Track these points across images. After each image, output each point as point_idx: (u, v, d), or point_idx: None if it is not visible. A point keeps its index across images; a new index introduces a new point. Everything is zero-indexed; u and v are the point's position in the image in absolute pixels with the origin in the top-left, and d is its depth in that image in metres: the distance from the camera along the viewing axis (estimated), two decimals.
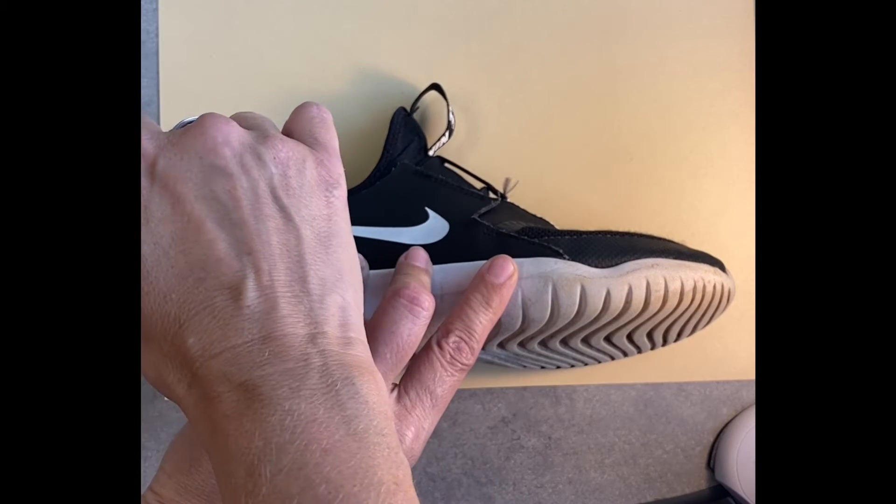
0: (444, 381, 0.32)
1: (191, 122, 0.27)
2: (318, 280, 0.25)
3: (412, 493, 0.22)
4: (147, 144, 0.25)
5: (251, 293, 0.23)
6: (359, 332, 0.25)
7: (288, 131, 0.29)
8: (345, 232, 0.27)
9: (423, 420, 0.31)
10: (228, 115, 0.28)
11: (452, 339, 0.33)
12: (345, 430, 0.21)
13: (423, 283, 0.33)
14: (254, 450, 0.21)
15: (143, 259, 0.24)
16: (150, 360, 0.24)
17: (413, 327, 0.31)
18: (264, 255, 0.24)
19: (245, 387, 0.22)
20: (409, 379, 0.32)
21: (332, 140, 0.29)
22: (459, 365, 0.33)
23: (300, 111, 0.29)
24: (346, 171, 0.28)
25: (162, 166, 0.25)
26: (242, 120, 0.28)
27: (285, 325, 0.23)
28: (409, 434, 0.31)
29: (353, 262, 0.27)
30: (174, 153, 0.25)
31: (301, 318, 0.23)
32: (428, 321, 0.32)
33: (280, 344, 0.23)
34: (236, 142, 0.26)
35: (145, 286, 0.23)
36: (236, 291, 0.23)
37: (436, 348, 0.33)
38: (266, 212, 0.25)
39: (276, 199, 0.25)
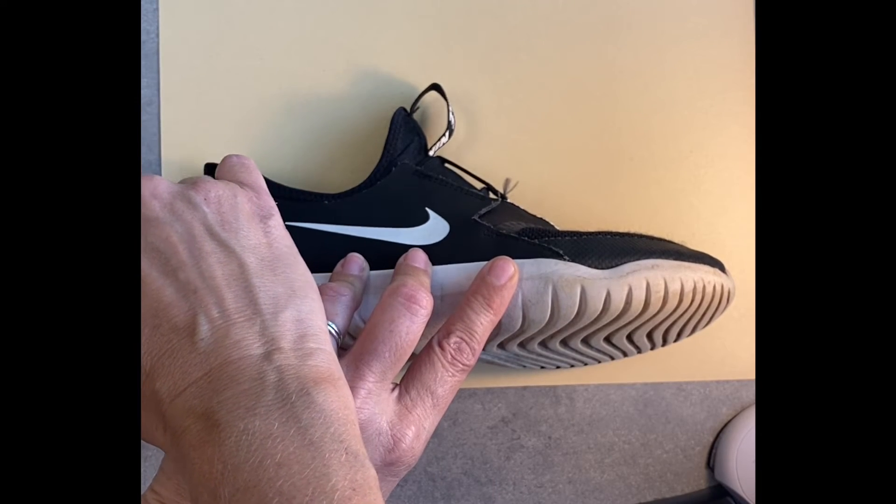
0: (445, 381, 0.32)
1: None
2: (268, 299, 0.26)
3: (373, 496, 0.22)
4: None
5: (203, 327, 0.24)
6: (320, 342, 0.26)
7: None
8: (289, 255, 0.28)
9: (423, 420, 0.32)
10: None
11: (453, 339, 0.33)
12: (300, 441, 0.22)
13: (421, 282, 0.33)
14: (215, 474, 0.22)
15: None
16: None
17: (411, 325, 0.31)
18: (209, 290, 0.25)
19: (206, 415, 0.23)
20: (409, 379, 0.32)
21: (258, 180, 0.30)
22: (460, 365, 0.33)
23: (221, 164, 0.31)
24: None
25: None
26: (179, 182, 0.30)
27: (239, 349, 0.24)
28: (410, 433, 0.31)
29: (304, 277, 0.28)
30: None
31: (255, 339, 0.24)
32: (426, 319, 0.32)
33: (235, 368, 0.23)
34: (164, 192, 0.27)
35: None
36: (189, 330, 0.24)
37: (437, 348, 0.33)
38: (206, 249, 0.26)
39: (213, 235, 0.27)
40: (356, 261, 0.36)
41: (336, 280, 0.34)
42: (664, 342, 0.41)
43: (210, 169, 0.44)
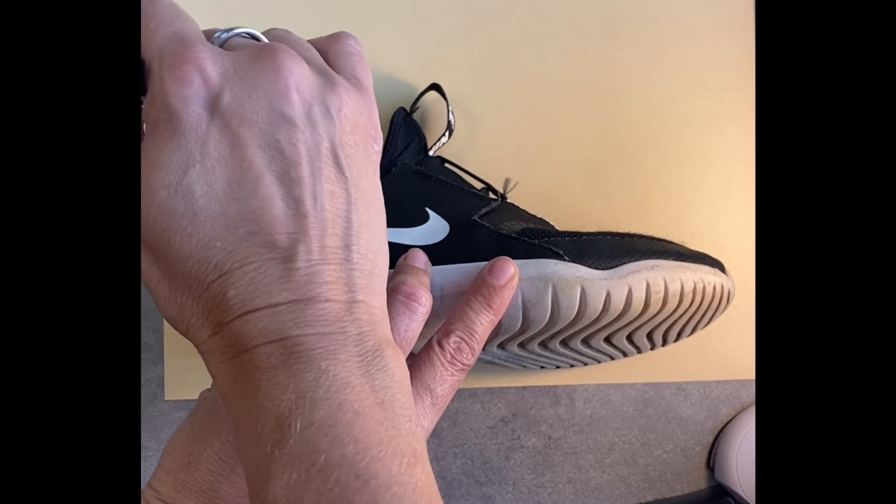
0: (445, 380, 0.32)
1: (244, 35, 0.25)
2: (360, 249, 0.24)
3: (429, 467, 0.22)
4: (210, 70, 0.23)
5: (301, 257, 0.23)
6: (383, 305, 0.25)
7: (330, 63, 0.27)
8: (379, 193, 0.26)
9: (422, 418, 0.32)
10: None
11: (453, 339, 0.33)
12: (374, 399, 0.22)
13: (421, 280, 0.33)
14: (286, 402, 0.21)
15: (193, 199, 0.22)
16: (175, 300, 0.23)
17: (410, 323, 0.31)
18: (317, 221, 0.23)
19: (283, 343, 0.22)
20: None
21: (370, 81, 0.27)
22: (460, 365, 0.33)
23: (340, 44, 0.27)
24: None
25: (227, 101, 0.23)
26: (298, 47, 0.26)
27: (328, 292, 0.23)
28: None
29: (384, 226, 0.26)
30: (242, 89, 0.23)
31: (341, 286, 0.23)
32: (425, 318, 0.32)
33: (321, 309, 0.22)
34: (307, 89, 0.24)
35: (189, 228, 0.22)
36: (288, 255, 0.23)
37: (436, 348, 0.33)
38: (325, 172, 0.24)
39: (335, 157, 0.24)
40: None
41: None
42: (664, 342, 0.42)
43: None
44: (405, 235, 0.38)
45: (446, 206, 0.39)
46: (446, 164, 0.43)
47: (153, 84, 0.23)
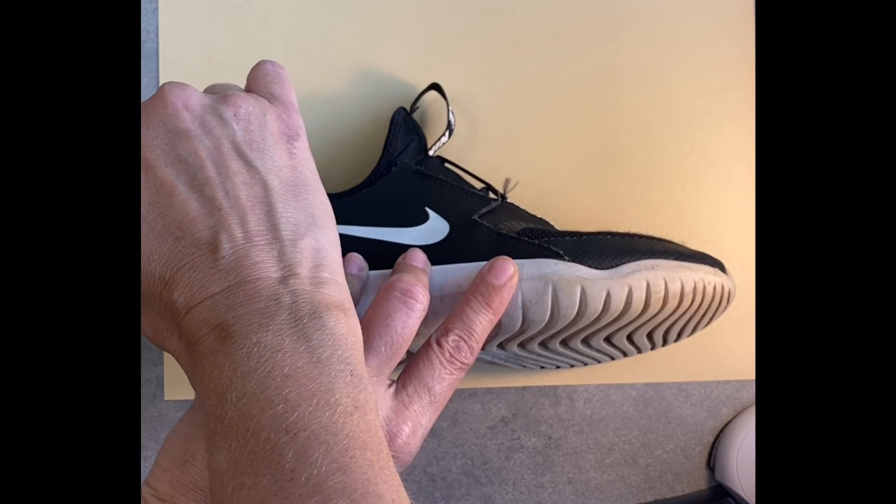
0: (443, 378, 0.32)
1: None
2: (289, 226, 0.26)
3: (372, 417, 0.23)
4: None
5: (225, 245, 0.25)
6: (334, 273, 0.26)
7: (247, 90, 0.30)
8: (312, 180, 0.28)
9: (420, 416, 0.31)
10: None
11: (452, 337, 0.33)
12: (308, 358, 0.23)
13: (418, 278, 0.33)
14: (223, 380, 0.23)
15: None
16: (147, 320, 0.26)
17: (407, 320, 0.31)
18: (234, 209, 0.25)
19: (220, 328, 0.23)
20: (407, 375, 0.32)
21: (289, 95, 0.30)
22: (458, 363, 0.33)
23: (256, 70, 0.30)
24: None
25: None
26: (208, 89, 0.30)
27: (258, 271, 0.24)
28: (406, 429, 0.31)
29: (325, 207, 0.28)
30: (140, 124, 0.26)
31: (273, 263, 0.25)
32: (423, 315, 0.32)
33: (253, 287, 0.24)
34: (196, 105, 0.27)
35: None
36: (212, 246, 0.25)
37: (435, 346, 0.33)
38: (232, 168, 0.26)
39: (240, 154, 0.27)
40: (355, 261, 0.36)
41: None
42: (664, 342, 0.41)
43: None
44: (405, 235, 0.38)
45: (446, 206, 0.39)
46: (446, 164, 0.43)
47: None
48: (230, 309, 0.24)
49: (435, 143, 0.42)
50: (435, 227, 0.38)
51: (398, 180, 0.40)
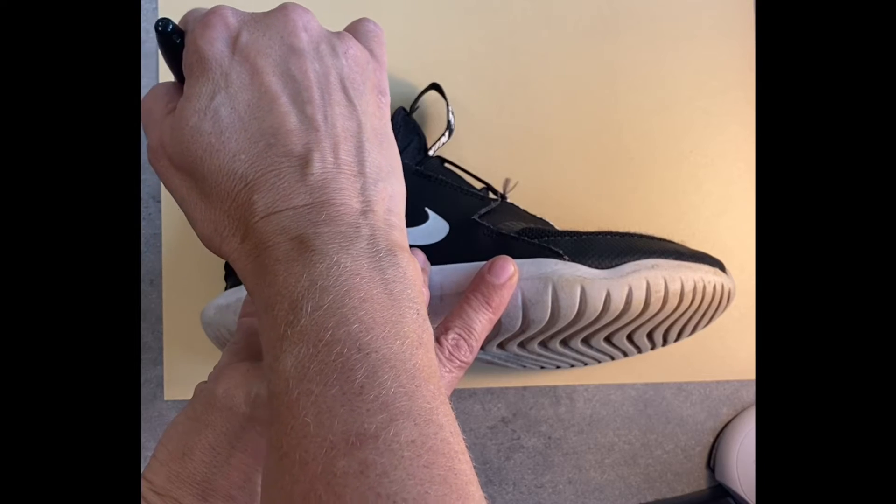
0: (443, 377, 0.32)
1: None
2: (373, 166, 0.27)
3: (433, 356, 0.24)
4: (230, 18, 0.27)
5: (316, 164, 0.25)
6: (401, 221, 0.27)
7: None
8: (391, 136, 0.29)
9: None
10: None
11: (451, 336, 0.33)
12: (382, 289, 0.24)
13: None
14: (300, 288, 0.23)
15: (219, 119, 0.26)
16: (210, 217, 0.27)
17: None
18: (329, 135, 0.26)
19: (300, 239, 0.24)
20: None
21: (384, 55, 0.31)
22: (458, 362, 0.33)
23: (359, 25, 0.31)
24: None
25: (245, 39, 0.26)
26: None
27: (342, 196, 0.25)
28: None
29: (399, 163, 0.29)
30: (257, 29, 0.27)
31: (356, 195, 0.26)
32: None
33: (336, 210, 0.25)
34: (314, 30, 0.28)
35: (217, 144, 0.25)
36: (303, 161, 0.25)
37: (434, 344, 0.33)
38: (334, 97, 0.27)
39: (344, 88, 0.27)
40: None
41: None
42: (664, 342, 0.41)
43: None
44: None
45: (446, 206, 0.39)
46: (446, 164, 0.43)
47: (187, 39, 0.27)
48: (312, 224, 0.24)
49: (435, 144, 0.42)
50: (435, 227, 0.38)
51: None
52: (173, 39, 0.27)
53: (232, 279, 0.42)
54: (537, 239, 0.38)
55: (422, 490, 0.20)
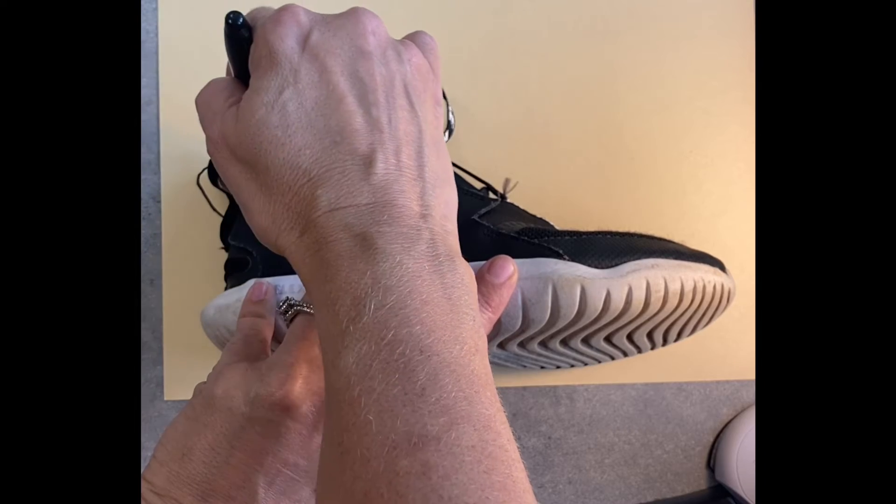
0: None
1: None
2: (431, 172, 0.27)
3: (487, 362, 0.24)
4: (302, 16, 0.27)
5: (380, 164, 0.26)
6: (454, 228, 0.28)
7: None
8: (445, 145, 0.30)
9: None
10: None
11: None
12: (441, 294, 0.24)
13: None
14: (363, 285, 0.23)
15: (286, 114, 0.26)
16: (268, 209, 0.27)
17: None
18: (392, 137, 0.26)
19: (363, 236, 0.24)
20: None
21: (439, 69, 0.31)
22: None
23: (417, 37, 0.31)
24: None
25: (315, 38, 0.27)
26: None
27: (404, 198, 0.26)
28: None
29: (451, 171, 0.29)
30: (328, 29, 0.27)
31: (416, 198, 0.26)
32: None
33: (398, 212, 0.25)
34: (382, 35, 0.28)
35: (283, 138, 0.26)
36: (367, 161, 0.26)
37: None
38: (398, 101, 0.27)
39: (407, 93, 0.28)
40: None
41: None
42: (664, 342, 0.41)
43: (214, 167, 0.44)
44: None
45: None
46: None
47: (256, 34, 0.27)
48: (375, 223, 0.25)
49: None
50: None
51: None
52: (242, 33, 0.28)
53: (232, 279, 0.42)
54: (537, 239, 0.37)
55: (483, 495, 0.20)
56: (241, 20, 0.27)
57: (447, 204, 0.27)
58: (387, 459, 0.20)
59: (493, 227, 0.38)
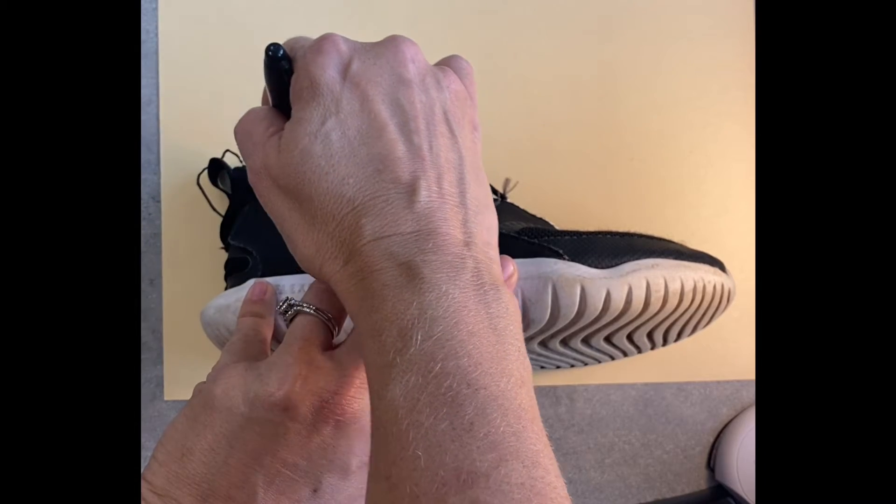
0: None
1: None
2: (473, 199, 0.27)
3: (533, 394, 0.24)
4: (342, 46, 0.27)
5: (423, 192, 0.26)
6: (496, 255, 0.28)
7: None
8: (483, 171, 0.30)
9: None
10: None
11: None
12: (487, 324, 0.24)
13: None
14: (409, 316, 0.23)
15: (329, 143, 0.26)
16: (313, 238, 0.27)
17: None
18: (434, 165, 0.26)
19: (408, 265, 0.24)
20: None
21: (476, 93, 0.31)
22: None
23: (453, 61, 0.31)
24: None
25: (356, 67, 0.27)
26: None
27: (447, 226, 0.26)
28: None
29: (491, 197, 0.29)
30: (368, 58, 0.27)
31: (458, 225, 0.26)
32: None
33: (442, 240, 0.25)
34: (421, 63, 0.28)
35: (327, 167, 0.26)
36: (410, 189, 0.26)
37: None
38: (438, 129, 0.27)
39: (447, 120, 0.28)
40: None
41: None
42: (664, 342, 0.41)
43: (214, 163, 0.44)
44: None
45: None
46: None
47: (297, 65, 0.28)
48: (420, 252, 0.25)
49: None
50: None
51: None
52: (282, 65, 0.28)
53: (232, 279, 0.42)
54: (537, 239, 0.37)
55: None
56: (280, 52, 0.27)
57: (489, 230, 0.27)
58: (436, 496, 0.20)
59: None
